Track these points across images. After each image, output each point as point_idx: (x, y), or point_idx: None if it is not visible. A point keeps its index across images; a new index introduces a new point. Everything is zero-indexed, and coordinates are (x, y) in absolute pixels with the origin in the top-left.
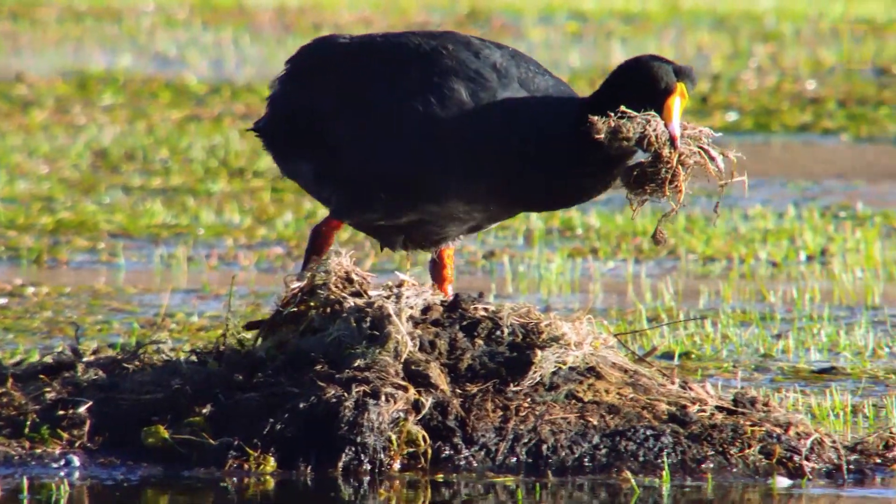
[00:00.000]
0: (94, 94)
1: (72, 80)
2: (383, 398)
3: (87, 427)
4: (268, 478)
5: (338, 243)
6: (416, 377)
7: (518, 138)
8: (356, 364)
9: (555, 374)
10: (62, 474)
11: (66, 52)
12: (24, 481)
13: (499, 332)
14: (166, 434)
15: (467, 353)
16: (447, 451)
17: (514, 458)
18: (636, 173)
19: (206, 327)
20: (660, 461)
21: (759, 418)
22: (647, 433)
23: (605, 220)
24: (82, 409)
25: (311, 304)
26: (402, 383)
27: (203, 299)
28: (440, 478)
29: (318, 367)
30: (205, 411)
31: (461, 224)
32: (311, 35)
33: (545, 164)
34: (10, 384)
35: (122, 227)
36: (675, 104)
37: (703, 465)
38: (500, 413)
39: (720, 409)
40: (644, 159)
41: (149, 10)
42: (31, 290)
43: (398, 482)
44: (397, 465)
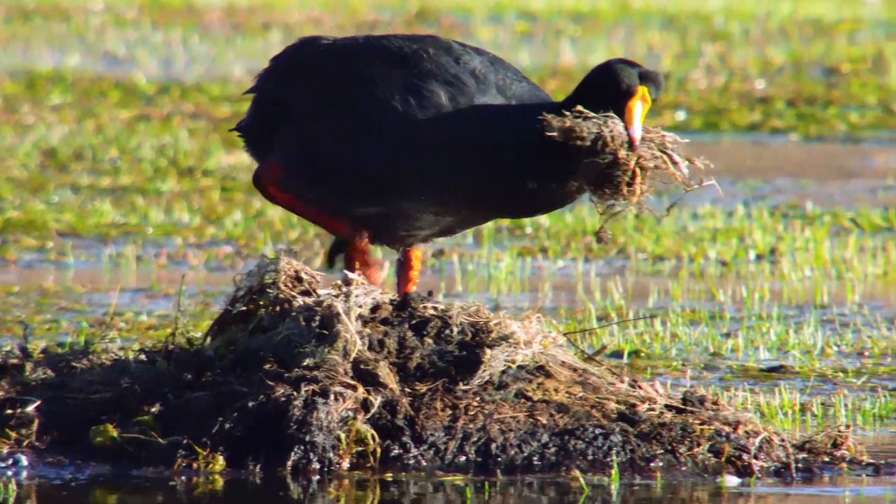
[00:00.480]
0: (43, 94)
1: (20, 80)
2: (332, 397)
3: (35, 426)
4: (217, 477)
5: (287, 242)
6: (366, 376)
7: (495, 143)
8: (305, 363)
9: (504, 372)
10: (10, 474)
11: (14, 52)
12: None
13: (448, 331)
14: (115, 433)
15: (416, 352)
16: (396, 450)
17: (464, 457)
18: (595, 175)
19: (155, 326)
20: (609, 460)
21: (708, 417)
22: (597, 432)
23: (555, 220)
24: (30, 409)
25: (261, 302)
26: (351, 382)
27: (152, 298)
28: (389, 476)
29: (267, 366)
30: (154, 410)
31: (433, 225)
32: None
33: (521, 169)
34: None
35: (71, 226)
36: (637, 107)
37: (652, 464)
38: (450, 412)
39: (669, 407)
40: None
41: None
42: None
43: (347, 481)
44: (346, 464)
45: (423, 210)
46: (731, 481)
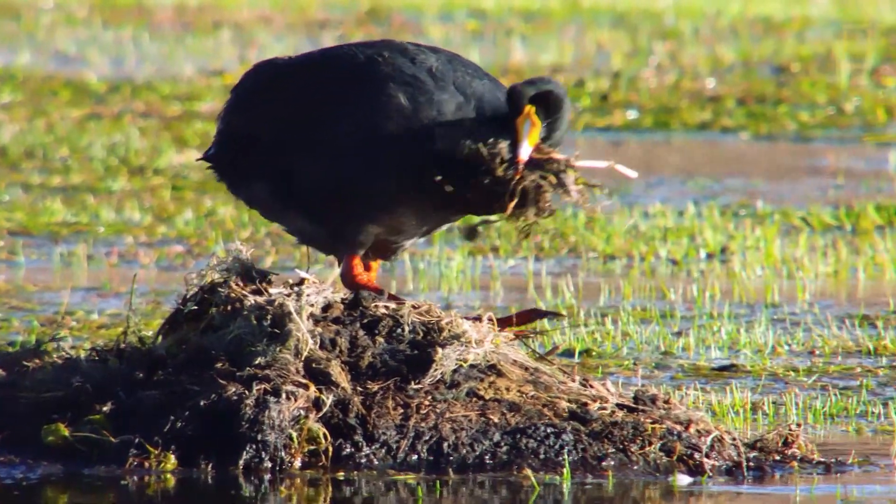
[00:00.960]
0: None
1: None
2: (284, 396)
3: None
4: (168, 476)
5: (238, 240)
6: (317, 375)
7: (412, 149)
8: (257, 362)
9: (456, 371)
10: None
11: None
12: None
13: (400, 330)
14: (66, 432)
15: (368, 351)
16: (348, 449)
17: (415, 456)
18: (484, 190)
19: (107, 325)
20: (560, 459)
21: (659, 416)
22: (548, 431)
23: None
24: None
25: (212, 301)
26: (303, 381)
27: (103, 297)
28: (341, 475)
29: (218, 365)
30: (105, 409)
31: (415, 231)
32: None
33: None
34: None
35: (22, 224)
36: (523, 127)
37: (603, 463)
38: (401, 411)
39: (621, 406)
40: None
41: (48, 7)
42: None
43: (299, 480)
44: (298, 463)
45: (401, 218)
46: (683, 480)
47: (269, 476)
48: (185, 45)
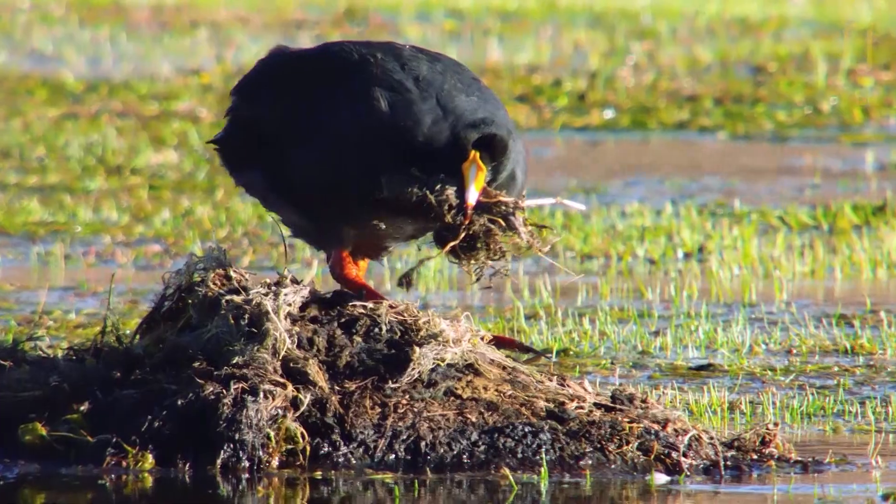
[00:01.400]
0: None
1: None
2: (262, 395)
3: None
4: (146, 475)
5: (216, 240)
6: (295, 374)
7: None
8: (234, 361)
9: (433, 371)
10: None
11: None
12: None
13: (377, 330)
14: (44, 431)
15: (346, 351)
16: (326, 448)
17: (393, 455)
18: (437, 235)
19: (84, 324)
20: (538, 458)
21: (637, 415)
22: (526, 430)
23: None
24: None
25: (190, 301)
26: (281, 380)
27: (81, 297)
28: (319, 475)
29: (196, 364)
30: (83, 409)
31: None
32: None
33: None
34: None
35: None
36: (469, 171)
37: (581, 462)
38: (379, 410)
39: (598, 405)
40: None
41: (25, 6)
42: None
43: (277, 479)
44: (276, 462)
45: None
46: (660, 479)
47: (247, 475)
48: (163, 44)
